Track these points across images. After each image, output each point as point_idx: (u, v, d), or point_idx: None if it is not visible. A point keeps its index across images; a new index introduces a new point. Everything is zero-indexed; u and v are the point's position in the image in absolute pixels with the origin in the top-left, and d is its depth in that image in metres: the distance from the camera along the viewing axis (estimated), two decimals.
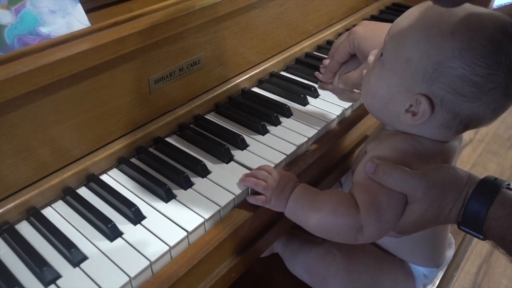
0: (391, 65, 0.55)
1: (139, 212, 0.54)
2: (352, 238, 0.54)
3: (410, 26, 0.53)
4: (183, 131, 0.70)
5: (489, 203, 0.48)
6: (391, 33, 0.56)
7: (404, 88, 0.53)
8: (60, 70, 0.50)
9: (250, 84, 0.81)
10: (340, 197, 0.55)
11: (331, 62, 0.76)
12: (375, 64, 0.59)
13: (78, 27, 0.54)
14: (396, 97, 0.54)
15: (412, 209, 0.52)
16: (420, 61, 0.51)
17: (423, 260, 0.70)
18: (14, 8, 0.50)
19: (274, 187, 0.57)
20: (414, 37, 0.51)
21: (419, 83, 0.51)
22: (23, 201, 0.54)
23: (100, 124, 0.60)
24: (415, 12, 0.53)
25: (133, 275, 0.47)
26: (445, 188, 0.50)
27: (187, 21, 0.63)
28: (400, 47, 0.53)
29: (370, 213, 0.52)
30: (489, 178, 0.50)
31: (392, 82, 0.54)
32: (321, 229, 0.55)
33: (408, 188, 0.51)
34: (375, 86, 0.57)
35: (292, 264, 0.75)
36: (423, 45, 0.50)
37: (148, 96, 0.65)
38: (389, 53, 0.55)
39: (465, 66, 0.48)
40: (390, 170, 0.51)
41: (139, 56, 0.60)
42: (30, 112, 0.51)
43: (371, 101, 0.59)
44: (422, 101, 0.51)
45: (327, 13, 0.96)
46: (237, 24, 0.73)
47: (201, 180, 0.60)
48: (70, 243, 0.50)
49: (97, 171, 0.61)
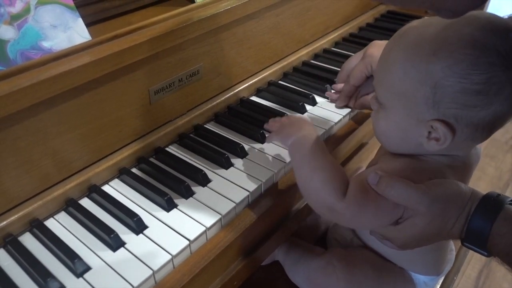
0: (390, 104, 0.54)
1: (141, 221, 0.55)
2: (321, 212, 0.56)
3: (391, 61, 0.53)
4: (183, 140, 0.70)
5: (492, 219, 0.47)
6: (377, 76, 0.56)
7: (414, 120, 0.52)
8: (62, 84, 0.51)
9: (249, 93, 0.82)
10: (335, 175, 0.55)
11: (347, 87, 0.76)
12: (377, 110, 0.58)
13: (79, 40, 0.55)
14: (410, 130, 0.53)
15: (414, 223, 0.51)
16: (416, 90, 0.50)
17: (425, 269, 0.70)
18: (16, 24, 0.51)
19: (287, 123, 0.63)
20: (400, 70, 0.51)
21: (426, 110, 0.50)
22: (26, 213, 0.54)
23: (101, 135, 0.61)
24: (390, 47, 0.53)
25: (136, 285, 0.48)
26: (448, 203, 0.50)
27: (186, 33, 0.64)
28: (389, 84, 0.53)
29: (350, 207, 0.52)
30: (492, 194, 0.49)
31: (399, 119, 0.53)
32: (303, 186, 0.58)
33: (410, 202, 0.50)
34: (385, 128, 0.56)
35: (293, 273, 0.75)
36: (412, 75, 0.50)
37: (149, 107, 0.66)
38: (383, 95, 0.55)
39: (462, 80, 0.47)
40: (393, 183, 0.50)
41: (139, 68, 0.61)
42: (33, 125, 0.52)
43: (387, 141, 0.58)
44: (438, 126, 0.50)
45: (323, 22, 0.97)
46: (234, 35, 0.74)
47: (202, 189, 0.61)
48: (73, 254, 0.51)
49: (99, 182, 0.62)
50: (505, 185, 1.71)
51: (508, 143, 1.92)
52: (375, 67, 0.66)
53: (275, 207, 0.62)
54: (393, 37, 0.54)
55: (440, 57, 0.47)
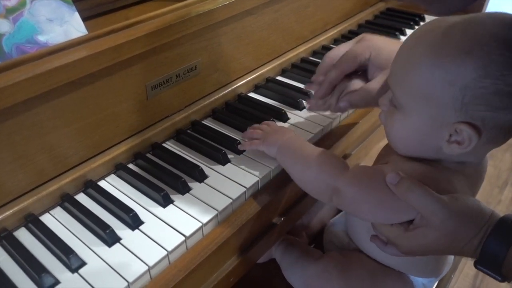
0: (410, 106, 0.50)
1: (137, 217, 0.55)
2: (326, 198, 0.55)
3: (415, 60, 0.49)
4: (180, 136, 0.70)
5: (508, 243, 0.45)
6: (395, 76, 0.52)
7: (438, 123, 0.49)
8: (58, 78, 0.51)
9: (247, 90, 0.82)
10: (329, 156, 0.56)
11: (334, 72, 0.65)
12: (391, 110, 0.54)
13: (76, 35, 0.55)
14: (431, 133, 0.50)
15: (425, 233, 0.49)
16: (443, 92, 0.47)
17: (424, 272, 0.69)
18: (12, 17, 0.50)
19: (269, 131, 0.62)
20: (426, 70, 0.48)
21: (453, 113, 0.47)
22: (21, 208, 0.54)
23: (98, 130, 0.60)
24: (412, 45, 0.50)
25: (131, 280, 0.48)
26: (465, 222, 0.47)
27: (183, 28, 0.63)
28: (412, 85, 0.49)
29: (352, 183, 0.51)
30: (509, 217, 0.47)
31: (420, 122, 0.50)
32: (302, 179, 0.57)
33: (427, 211, 0.48)
34: (403, 132, 0.53)
35: (289, 276, 0.75)
36: (441, 75, 0.46)
37: (146, 102, 0.65)
38: (402, 96, 0.51)
39: (496, 81, 0.44)
40: (414, 187, 0.48)
41: (136, 63, 0.61)
42: (29, 119, 0.52)
43: (403, 146, 0.55)
44: (464, 129, 0.47)
45: (322, 18, 0.97)
46: (232, 30, 0.74)
47: (199, 185, 0.61)
48: (68, 249, 0.50)
49: (95, 177, 0.61)
50: (503, 184, 1.71)
51: (507, 142, 1.92)
52: (375, 55, 0.63)
53: (272, 203, 0.62)
54: (413, 36, 0.51)
55: (474, 57, 0.45)
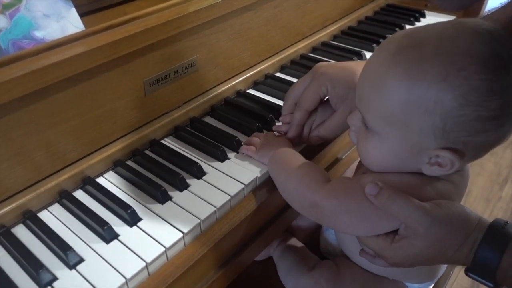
0: (385, 132, 0.48)
1: (135, 214, 0.55)
2: (306, 211, 0.55)
3: (387, 85, 0.46)
4: (179, 133, 0.70)
5: (501, 250, 0.44)
6: (366, 101, 0.49)
7: (417, 150, 0.47)
8: (55, 74, 0.51)
9: (246, 86, 0.82)
10: (311, 168, 0.56)
11: (298, 113, 0.64)
12: (363, 134, 0.51)
13: (73, 30, 0.55)
14: (409, 158, 0.48)
15: (411, 243, 0.47)
16: (422, 120, 0.44)
17: (419, 278, 0.67)
18: (8, 13, 0.50)
19: (265, 142, 0.64)
20: (401, 99, 0.44)
21: (432, 140, 0.45)
22: (19, 205, 0.54)
23: (95, 127, 0.60)
24: (383, 68, 0.46)
25: (129, 276, 0.48)
26: (451, 229, 0.46)
27: (181, 24, 0.63)
28: (385, 111, 0.46)
29: (330, 197, 0.51)
30: (498, 223, 0.46)
31: (398, 148, 0.48)
32: (284, 190, 0.58)
33: (410, 220, 0.46)
34: (378, 155, 0.51)
35: (284, 279, 0.74)
36: (418, 103, 0.44)
37: (144, 98, 0.65)
38: (374, 121, 0.48)
39: (478, 108, 0.42)
40: (395, 197, 0.46)
41: (133, 59, 0.60)
42: (26, 115, 0.52)
43: (378, 167, 0.52)
44: (445, 155, 0.45)
45: (322, 14, 0.96)
46: (231, 26, 0.73)
47: (197, 181, 0.61)
48: (66, 245, 0.50)
49: (93, 174, 0.61)
50: (504, 181, 1.71)
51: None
52: (331, 88, 0.61)
53: (271, 200, 0.62)
54: (379, 56, 0.47)
55: (452, 85, 0.42)
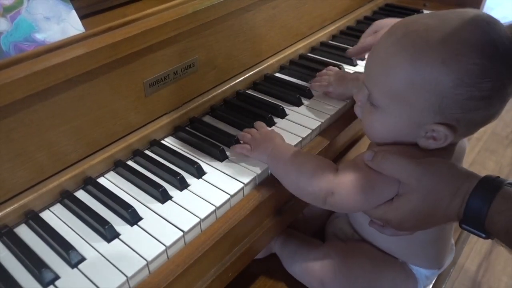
0: (389, 107, 0.54)
1: (136, 213, 0.55)
2: (321, 201, 0.57)
3: (393, 65, 0.51)
4: (178, 133, 0.71)
5: (490, 198, 0.48)
6: (373, 77, 0.55)
7: (415, 124, 0.53)
8: (56, 75, 0.51)
9: (245, 86, 0.82)
10: (320, 161, 0.58)
11: (370, 39, 0.77)
12: (368, 108, 0.57)
13: (73, 32, 0.56)
14: (408, 131, 0.54)
15: (408, 199, 0.52)
16: (421, 98, 0.50)
17: (427, 262, 0.70)
18: (9, 16, 0.51)
19: (259, 137, 0.64)
20: (405, 77, 0.50)
21: (430, 115, 0.51)
22: (21, 205, 0.55)
23: (96, 127, 0.61)
24: (391, 49, 0.52)
25: (130, 275, 0.48)
26: (442, 179, 0.50)
27: (180, 25, 0.64)
28: (390, 89, 0.52)
29: (343, 184, 0.54)
30: (490, 176, 0.50)
31: (398, 123, 0.54)
32: (295, 187, 0.59)
33: (404, 174, 0.51)
34: (381, 129, 0.57)
35: (289, 265, 0.76)
36: (419, 83, 0.49)
37: (144, 99, 0.66)
38: (380, 97, 0.54)
39: (471, 89, 0.48)
40: (388, 155, 0.53)
41: (133, 60, 0.61)
42: (27, 116, 0.52)
43: (380, 139, 0.58)
44: (441, 129, 0.51)
45: (320, 14, 0.97)
46: (230, 27, 0.74)
47: (197, 181, 0.61)
48: (68, 244, 0.51)
49: (94, 174, 0.62)
50: None
51: (508, 137, 1.91)
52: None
53: (270, 199, 0.62)
54: (389, 38, 0.53)
55: (450, 68, 0.47)
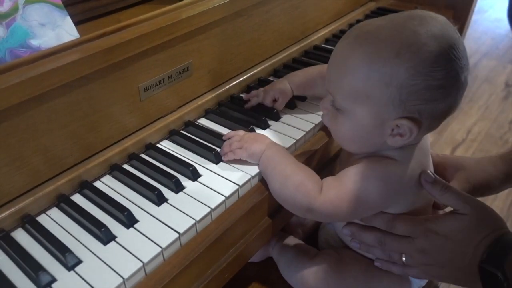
0: (353, 109, 0.55)
1: (132, 216, 0.56)
2: (301, 214, 0.60)
3: (350, 66, 0.53)
4: (174, 137, 0.71)
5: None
6: (334, 83, 0.56)
7: (379, 121, 0.54)
8: (51, 80, 0.52)
9: (239, 90, 0.83)
10: (307, 176, 0.59)
11: None
12: (334, 114, 0.59)
13: (68, 38, 0.56)
14: (375, 131, 0.55)
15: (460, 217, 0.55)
16: (381, 93, 0.52)
17: None
18: (5, 22, 0.52)
19: (248, 139, 0.64)
20: (362, 74, 0.52)
21: (392, 110, 0.52)
22: (18, 209, 0.55)
23: (92, 132, 0.61)
24: (347, 52, 0.54)
25: (126, 276, 0.49)
26: (484, 215, 0.55)
27: (174, 30, 0.65)
28: (350, 89, 0.54)
29: (326, 204, 0.57)
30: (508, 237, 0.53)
31: (364, 122, 0.55)
32: (279, 195, 0.61)
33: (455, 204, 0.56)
34: (348, 133, 0.58)
35: (286, 274, 0.76)
36: (377, 78, 0.51)
37: (139, 103, 0.66)
38: (342, 100, 0.56)
39: (426, 77, 0.50)
40: (448, 187, 0.57)
41: (128, 65, 0.62)
42: (23, 121, 0.53)
43: (350, 145, 0.61)
44: (404, 123, 0.52)
45: (313, 19, 0.98)
46: (223, 32, 0.75)
47: (192, 183, 0.62)
48: (64, 247, 0.51)
49: (91, 178, 0.62)
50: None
51: (502, 138, 1.92)
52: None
53: (265, 200, 0.63)
54: (345, 41, 0.55)
55: (404, 58, 0.50)
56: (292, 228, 0.85)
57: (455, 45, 0.51)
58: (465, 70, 0.52)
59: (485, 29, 2.80)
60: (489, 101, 2.16)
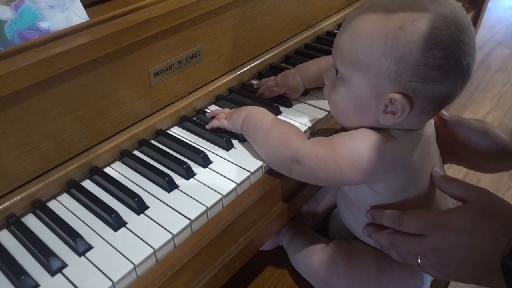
0: (352, 78, 0.55)
1: (142, 202, 0.55)
2: (286, 170, 0.59)
3: (357, 32, 0.53)
4: (184, 123, 0.70)
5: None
6: (339, 48, 0.56)
7: (375, 93, 0.53)
8: (61, 64, 0.51)
9: (250, 77, 0.82)
10: (288, 128, 0.60)
11: None
12: (334, 84, 0.59)
13: (77, 21, 0.55)
14: (370, 104, 0.54)
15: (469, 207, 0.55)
16: (380, 63, 0.51)
17: None
18: (13, 4, 0.51)
19: (234, 110, 0.65)
20: (365, 43, 0.52)
21: (388, 83, 0.52)
22: (28, 194, 0.55)
23: (102, 117, 0.61)
24: (356, 19, 0.54)
25: (137, 263, 0.48)
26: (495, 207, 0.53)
27: (184, 14, 0.63)
28: (353, 56, 0.54)
29: (311, 154, 0.56)
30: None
31: (360, 92, 0.55)
32: (263, 151, 0.61)
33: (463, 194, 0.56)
34: (344, 104, 0.57)
35: (296, 263, 0.76)
36: (378, 47, 0.51)
37: (149, 89, 0.65)
38: (344, 66, 0.55)
39: (425, 54, 0.49)
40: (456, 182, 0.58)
41: (138, 49, 0.61)
42: (33, 105, 0.52)
43: (345, 117, 0.59)
44: (398, 99, 0.51)
45: (326, 3, 0.96)
46: (235, 16, 0.73)
47: (203, 170, 0.61)
48: (75, 233, 0.51)
49: (101, 164, 0.62)
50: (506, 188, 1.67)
51: None
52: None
53: (276, 187, 0.62)
54: (357, 10, 0.55)
55: (407, 31, 0.49)
56: (302, 217, 0.84)
57: (462, 29, 0.49)
58: (468, 56, 0.50)
59: (500, 17, 2.74)
60: (502, 90, 2.12)
